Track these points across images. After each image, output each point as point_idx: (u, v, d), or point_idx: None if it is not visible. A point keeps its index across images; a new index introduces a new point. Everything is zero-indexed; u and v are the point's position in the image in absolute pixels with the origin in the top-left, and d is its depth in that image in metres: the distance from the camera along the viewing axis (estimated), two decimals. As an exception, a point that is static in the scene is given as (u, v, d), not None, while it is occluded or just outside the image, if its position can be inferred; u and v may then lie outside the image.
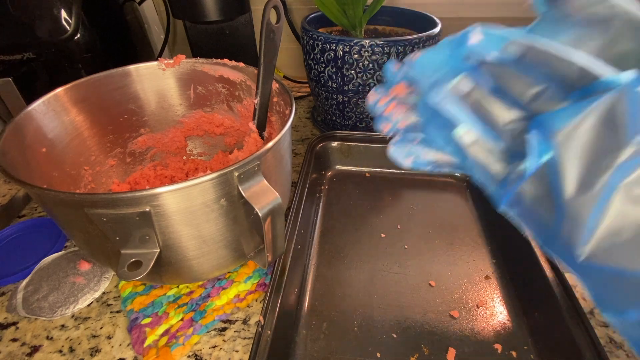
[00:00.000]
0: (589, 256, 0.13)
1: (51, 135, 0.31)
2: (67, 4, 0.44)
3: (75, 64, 0.47)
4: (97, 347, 0.29)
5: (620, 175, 0.12)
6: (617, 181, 0.12)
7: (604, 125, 0.12)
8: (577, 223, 0.13)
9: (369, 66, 0.44)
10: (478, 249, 0.37)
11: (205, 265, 0.27)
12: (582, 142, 0.12)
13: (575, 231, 0.13)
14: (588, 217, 0.12)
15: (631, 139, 0.12)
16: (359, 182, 0.46)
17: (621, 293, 0.13)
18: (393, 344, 0.29)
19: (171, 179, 0.41)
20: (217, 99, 0.39)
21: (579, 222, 0.13)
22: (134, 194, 0.20)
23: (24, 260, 0.36)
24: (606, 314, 0.14)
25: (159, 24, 0.70)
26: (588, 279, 0.14)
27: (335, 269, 0.35)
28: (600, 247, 0.13)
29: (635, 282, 0.12)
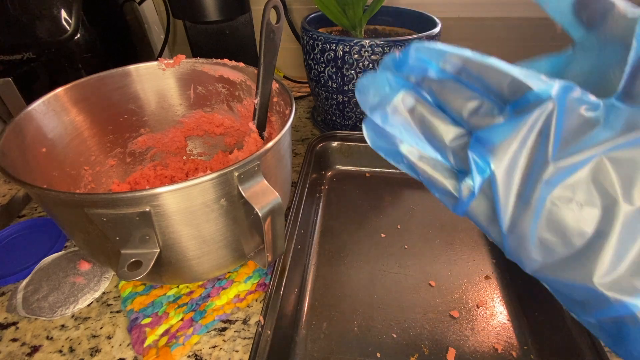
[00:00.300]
0: (534, 271, 0.13)
1: (51, 135, 0.31)
2: (67, 4, 0.44)
3: (75, 64, 0.47)
4: (97, 347, 0.29)
5: (549, 191, 0.12)
6: (547, 197, 0.12)
7: (536, 139, 0.12)
8: (521, 241, 0.13)
9: (369, 66, 0.44)
10: (478, 249, 0.37)
11: (205, 265, 0.27)
12: (515, 157, 0.12)
13: (519, 247, 0.13)
14: (526, 234, 0.13)
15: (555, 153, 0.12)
16: (359, 182, 0.46)
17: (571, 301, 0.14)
18: (393, 344, 0.29)
19: (171, 179, 0.41)
20: (217, 99, 0.39)
21: (521, 239, 0.13)
22: (134, 194, 0.20)
23: (24, 260, 0.36)
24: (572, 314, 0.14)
25: (159, 24, 0.70)
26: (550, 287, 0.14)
27: (335, 269, 0.35)
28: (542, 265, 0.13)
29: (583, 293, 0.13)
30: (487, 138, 0.13)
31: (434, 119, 0.14)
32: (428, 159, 0.15)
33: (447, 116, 0.14)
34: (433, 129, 0.14)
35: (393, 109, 0.15)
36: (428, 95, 0.14)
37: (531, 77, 0.12)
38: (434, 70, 0.14)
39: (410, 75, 0.14)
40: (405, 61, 0.14)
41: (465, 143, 0.14)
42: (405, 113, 0.15)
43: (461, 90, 0.13)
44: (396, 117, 0.15)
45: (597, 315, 0.13)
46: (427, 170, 0.15)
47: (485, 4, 0.63)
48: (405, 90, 0.15)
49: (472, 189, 0.13)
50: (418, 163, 0.15)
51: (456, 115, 0.14)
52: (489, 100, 0.13)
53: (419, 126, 0.15)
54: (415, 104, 0.14)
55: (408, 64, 0.14)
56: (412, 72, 0.14)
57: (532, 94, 0.12)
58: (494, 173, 0.13)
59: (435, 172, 0.15)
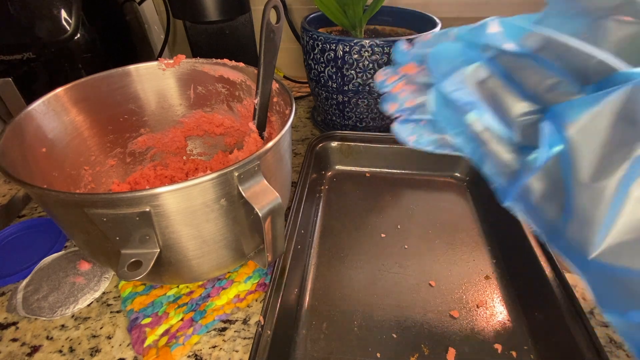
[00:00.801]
0: (599, 254, 0.12)
1: (51, 135, 0.31)
2: (67, 4, 0.44)
3: (75, 64, 0.47)
4: (97, 347, 0.29)
5: (636, 171, 0.11)
6: (633, 177, 0.11)
7: (620, 118, 0.12)
8: (589, 220, 0.12)
9: (369, 66, 0.44)
10: (478, 249, 0.37)
11: (205, 265, 0.27)
12: (597, 134, 0.12)
13: (586, 228, 0.12)
14: (601, 214, 0.12)
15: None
16: (359, 182, 0.46)
17: (626, 293, 0.13)
18: (393, 344, 0.29)
19: (171, 179, 0.41)
20: (217, 99, 0.39)
21: (590, 218, 0.12)
22: (134, 194, 0.20)
23: (24, 260, 0.36)
24: (607, 313, 0.13)
25: (159, 24, 0.70)
26: (592, 278, 0.14)
27: (335, 269, 0.35)
28: (612, 246, 0.12)
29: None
30: (565, 113, 0.12)
31: (506, 92, 0.14)
32: (491, 132, 0.15)
33: (518, 91, 0.14)
34: (503, 102, 0.14)
35: (466, 78, 0.15)
36: (500, 69, 0.14)
37: (618, 60, 0.12)
38: (514, 45, 0.14)
39: (486, 48, 0.14)
40: (483, 33, 0.14)
41: (535, 119, 0.13)
42: (477, 85, 0.15)
43: (539, 67, 0.13)
44: (468, 86, 0.15)
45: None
46: (490, 142, 0.15)
47: (485, 4, 0.63)
48: (479, 63, 0.14)
49: (537, 162, 0.13)
50: (482, 133, 0.15)
51: (531, 91, 0.14)
52: (568, 78, 0.13)
53: (489, 99, 0.14)
54: (488, 76, 0.14)
55: (486, 35, 0.14)
56: (489, 44, 0.14)
57: (620, 74, 0.12)
58: (570, 146, 0.12)
59: (498, 144, 0.15)
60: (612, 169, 0.12)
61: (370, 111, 0.49)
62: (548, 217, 0.14)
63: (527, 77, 0.14)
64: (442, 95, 0.15)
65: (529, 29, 0.13)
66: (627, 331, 0.13)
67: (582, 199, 0.12)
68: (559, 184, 0.13)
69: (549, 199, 0.14)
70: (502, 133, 0.15)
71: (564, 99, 0.13)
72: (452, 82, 0.15)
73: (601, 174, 0.12)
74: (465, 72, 0.15)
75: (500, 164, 0.15)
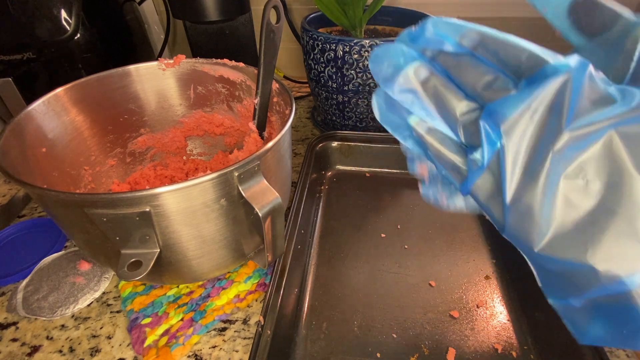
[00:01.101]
0: (541, 249, 0.13)
1: (51, 135, 0.31)
2: (67, 4, 0.45)
3: (75, 64, 0.47)
4: (97, 347, 0.29)
5: (560, 165, 0.12)
6: (558, 172, 0.12)
7: (548, 111, 0.12)
8: (527, 217, 0.13)
9: (369, 66, 0.44)
10: (478, 249, 0.37)
11: (205, 265, 0.27)
12: (526, 130, 0.12)
13: (526, 225, 0.13)
14: (537, 211, 0.12)
15: (568, 125, 0.12)
16: (359, 182, 0.46)
17: (566, 282, 0.13)
18: (393, 344, 0.29)
19: (171, 179, 0.41)
20: (217, 99, 0.39)
21: (529, 216, 0.13)
22: (134, 194, 0.20)
23: (24, 260, 0.36)
24: (551, 299, 0.14)
25: (159, 24, 0.70)
26: (538, 267, 0.14)
27: (335, 269, 0.35)
28: (552, 240, 0.13)
29: (579, 272, 0.13)
30: (499, 109, 0.13)
31: (446, 91, 0.14)
32: (437, 133, 0.15)
33: (459, 90, 0.14)
34: (445, 102, 0.14)
35: (406, 80, 0.15)
36: (441, 70, 0.14)
37: (548, 52, 0.12)
38: (450, 44, 0.14)
39: (425, 49, 0.14)
40: (422, 34, 0.14)
41: (476, 117, 0.14)
42: (418, 85, 0.14)
43: (476, 64, 0.13)
44: (408, 88, 0.15)
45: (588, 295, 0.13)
46: (435, 144, 0.15)
47: (485, 4, 0.63)
48: (419, 62, 0.14)
49: (481, 162, 0.13)
50: (426, 136, 0.15)
51: (470, 89, 0.14)
52: (504, 75, 0.13)
53: (431, 99, 0.14)
54: (428, 75, 0.14)
55: (425, 37, 0.14)
56: (428, 45, 0.14)
57: (549, 66, 0.12)
58: (503, 144, 0.12)
59: (443, 146, 0.15)
60: (540, 165, 0.12)
61: (370, 111, 0.49)
62: (495, 213, 0.14)
63: (465, 75, 0.14)
64: (384, 98, 0.15)
65: (465, 26, 0.13)
66: (566, 314, 0.14)
67: (519, 197, 0.13)
68: (499, 182, 0.13)
69: (494, 197, 0.14)
70: (446, 134, 0.15)
71: (499, 96, 0.13)
72: (394, 84, 0.15)
73: (532, 170, 0.12)
74: (406, 72, 0.14)
75: (449, 165, 0.15)
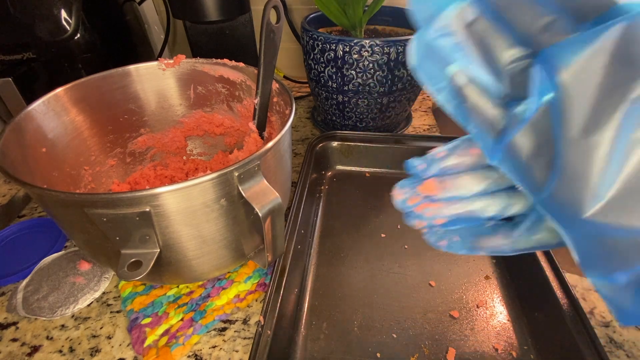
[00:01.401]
0: (593, 214, 0.11)
1: (51, 135, 0.31)
2: (67, 4, 0.45)
3: (75, 64, 0.47)
4: (97, 347, 0.29)
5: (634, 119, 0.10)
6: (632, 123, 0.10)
7: (615, 58, 0.10)
8: (582, 177, 0.11)
9: (369, 66, 0.44)
10: (478, 249, 0.37)
11: (205, 265, 0.27)
12: (590, 78, 0.11)
13: (579, 187, 0.11)
14: (597, 170, 0.11)
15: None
16: (359, 182, 0.46)
17: (613, 254, 0.12)
18: (393, 344, 0.29)
19: (171, 179, 0.41)
20: (217, 99, 0.39)
21: (584, 176, 0.11)
22: (134, 194, 0.20)
23: (24, 260, 0.36)
24: (591, 276, 0.13)
25: (159, 24, 0.70)
26: (579, 239, 0.13)
27: (335, 269, 0.35)
28: (610, 203, 0.11)
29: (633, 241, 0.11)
30: (557, 54, 0.11)
31: (495, 35, 0.13)
32: (477, 84, 0.13)
33: (510, 35, 0.13)
34: (492, 47, 0.13)
35: (449, 22, 0.13)
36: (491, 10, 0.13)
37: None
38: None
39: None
40: None
41: (526, 65, 0.12)
42: (463, 28, 0.13)
43: (532, 4, 0.12)
44: (451, 31, 0.13)
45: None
46: (474, 96, 0.13)
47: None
48: (466, 2, 0.13)
49: (526, 114, 0.12)
50: (465, 87, 0.13)
51: (523, 33, 0.12)
52: (565, 16, 0.11)
53: (476, 44, 0.13)
54: (475, 17, 0.13)
55: None
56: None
57: (617, 7, 0.10)
58: (560, 94, 0.11)
59: (482, 99, 0.13)
60: (607, 117, 0.11)
61: (370, 111, 0.49)
62: (535, 175, 0.13)
63: (519, 16, 0.12)
64: (425, 43, 0.14)
65: None
66: (610, 294, 0.12)
67: (575, 155, 0.11)
68: (548, 138, 0.12)
69: (537, 156, 0.12)
70: (488, 85, 0.13)
71: (557, 40, 0.11)
72: (436, 27, 0.13)
73: (596, 123, 0.11)
74: (451, 13, 0.13)
75: (486, 120, 0.13)
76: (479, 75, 0.13)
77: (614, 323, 0.31)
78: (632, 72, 0.10)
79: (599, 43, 0.10)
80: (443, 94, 0.14)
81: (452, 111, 0.14)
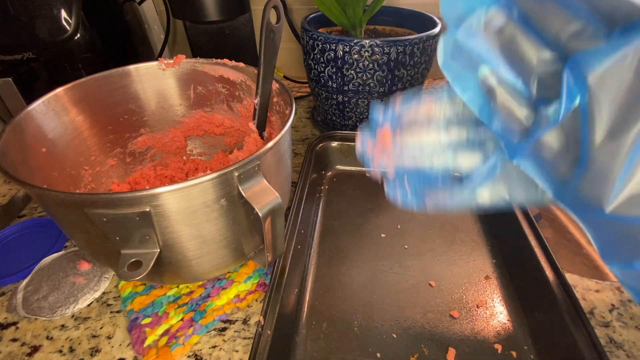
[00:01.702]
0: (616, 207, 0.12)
1: (51, 135, 0.31)
2: (67, 4, 0.44)
3: (75, 64, 0.47)
4: (97, 347, 0.29)
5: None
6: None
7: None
8: (607, 172, 0.12)
9: (369, 66, 0.44)
10: (478, 249, 0.37)
11: (205, 265, 0.27)
12: (618, 84, 0.11)
13: (604, 181, 0.12)
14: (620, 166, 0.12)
15: None
16: (359, 182, 0.46)
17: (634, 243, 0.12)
18: (393, 344, 0.29)
19: (171, 179, 0.41)
20: (217, 99, 0.39)
21: (609, 171, 0.12)
22: (134, 194, 0.20)
23: (24, 260, 0.36)
24: (611, 265, 0.13)
25: (159, 24, 0.70)
26: (600, 231, 0.13)
27: (335, 269, 0.35)
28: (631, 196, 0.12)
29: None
30: (587, 60, 0.11)
31: (525, 40, 0.13)
32: (506, 86, 0.14)
33: (539, 39, 0.13)
34: (523, 52, 0.13)
35: (479, 26, 0.13)
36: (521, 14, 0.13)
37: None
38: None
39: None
40: None
41: (555, 69, 0.13)
42: (492, 32, 0.13)
43: (562, 9, 0.12)
44: (483, 34, 0.13)
45: None
46: (503, 97, 0.14)
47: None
48: (497, 7, 0.13)
49: (555, 115, 0.12)
50: (496, 89, 0.14)
51: (552, 38, 0.13)
52: (595, 23, 0.12)
53: (506, 47, 0.13)
54: (505, 23, 0.13)
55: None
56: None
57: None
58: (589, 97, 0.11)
59: (512, 99, 0.14)
60: (632, 121, 0.11)
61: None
62: (559, 172, 0.13)
63: (549, 21, 0.12)
64: (454, 43, 0.14)
65: None
66: (631, 281, 0.13)
67: (601, 154, 0.12)
68: (574, 137, 0.12)
69: (563, 154, 0.13)
70: (518, 87, 0.14)
71: (587, 47, 0.12)
72: (466, 29, 0.13)
73: (621, 126, 0.11)
74: (481, 17, 0.13)
75: (513, 120, 0.14)
76: (509, 77, 0.14)
77: (614, 323, 0.31)
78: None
79: (625, 53, 0.11)
80: (469, 93, 0.14)
81: (476, 110, 0.15)
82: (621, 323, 0.31)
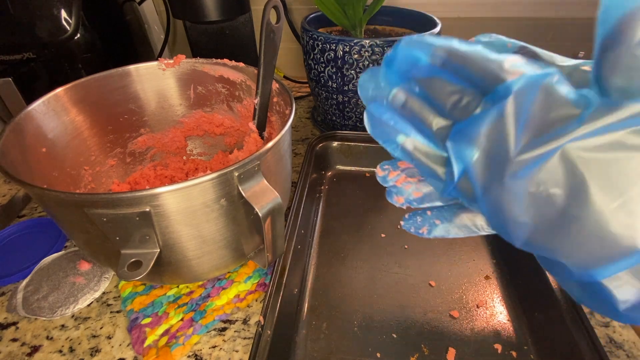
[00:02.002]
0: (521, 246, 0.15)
1: (51, 135, 0.31)
2: (67, 4, 0.44)
3: (75, 64, 0.47)
4: (97, 347, 0.29)
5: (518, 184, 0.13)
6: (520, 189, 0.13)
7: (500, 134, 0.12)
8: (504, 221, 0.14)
9: (369, 66, 0.44)
10: (478, 249, 0.37)
11: (205, 265, 0.27)
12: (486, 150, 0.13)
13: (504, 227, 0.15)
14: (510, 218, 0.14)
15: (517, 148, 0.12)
16: (359, 182, 0.46)
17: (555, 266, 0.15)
18: (393, 344, 0.29)
19: (171, 179, 0.41)
20: (217, 99, 0.39)
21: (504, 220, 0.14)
22: (134, 194, 0.20)
23: (24, 260, 0.36)
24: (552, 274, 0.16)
25: (159, 24, 0.70)
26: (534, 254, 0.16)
27: (335, 269, 0.35)
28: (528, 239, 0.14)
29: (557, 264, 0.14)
30: (463, 129, 0.13)
31: (422, 111, 0.15)
32: (421, 147, 0.16)
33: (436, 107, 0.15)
34: (425, 120, 0.15)
35: (388, 104, 0.16)
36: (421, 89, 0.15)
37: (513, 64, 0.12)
38: (422, 64, 0.14)
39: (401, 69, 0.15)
40: (395, 57, 0.15)
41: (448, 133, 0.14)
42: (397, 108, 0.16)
43: (444, 84, 0.14)
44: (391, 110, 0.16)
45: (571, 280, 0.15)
46: (421, 158, 0.16)
47: (485, 4, 0.63)
48: (398, 87, 0.15)
49: (452, 177, 0.14)
50: (413, 152, 0.16)
51: (441, 108, 0.14)
52: (472, 91, 0.13)
53: (412, 119, 0.15)
54: (405, 99, 0.15)
55: (398, 60, 0.15)
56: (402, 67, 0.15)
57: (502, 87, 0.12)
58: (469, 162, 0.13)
59: (428, 159, 0.16)
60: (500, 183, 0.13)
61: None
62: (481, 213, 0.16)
63: (436, 95, 0.14)
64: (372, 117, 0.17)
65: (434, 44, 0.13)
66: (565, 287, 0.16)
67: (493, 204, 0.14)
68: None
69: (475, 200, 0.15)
70: (427, 149, 0.16)
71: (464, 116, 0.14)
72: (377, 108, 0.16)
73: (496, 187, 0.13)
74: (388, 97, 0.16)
75: (432, 174, 0.16)
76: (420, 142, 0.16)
77: (614, 323, 0.31)
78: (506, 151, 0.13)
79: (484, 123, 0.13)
80: (397, 153, 0.17)
81: (410, 163, 0.17)
82: (621, 323, 0.31)
